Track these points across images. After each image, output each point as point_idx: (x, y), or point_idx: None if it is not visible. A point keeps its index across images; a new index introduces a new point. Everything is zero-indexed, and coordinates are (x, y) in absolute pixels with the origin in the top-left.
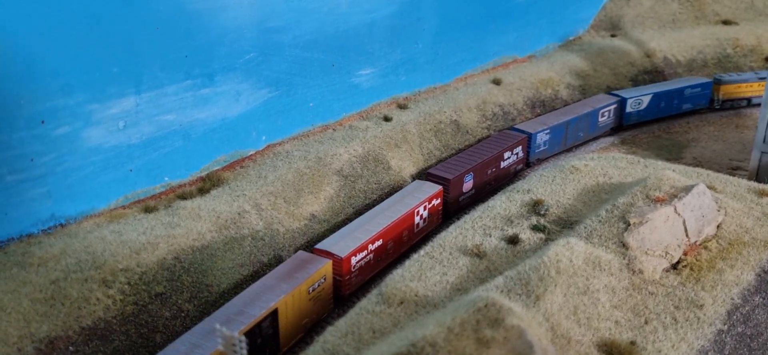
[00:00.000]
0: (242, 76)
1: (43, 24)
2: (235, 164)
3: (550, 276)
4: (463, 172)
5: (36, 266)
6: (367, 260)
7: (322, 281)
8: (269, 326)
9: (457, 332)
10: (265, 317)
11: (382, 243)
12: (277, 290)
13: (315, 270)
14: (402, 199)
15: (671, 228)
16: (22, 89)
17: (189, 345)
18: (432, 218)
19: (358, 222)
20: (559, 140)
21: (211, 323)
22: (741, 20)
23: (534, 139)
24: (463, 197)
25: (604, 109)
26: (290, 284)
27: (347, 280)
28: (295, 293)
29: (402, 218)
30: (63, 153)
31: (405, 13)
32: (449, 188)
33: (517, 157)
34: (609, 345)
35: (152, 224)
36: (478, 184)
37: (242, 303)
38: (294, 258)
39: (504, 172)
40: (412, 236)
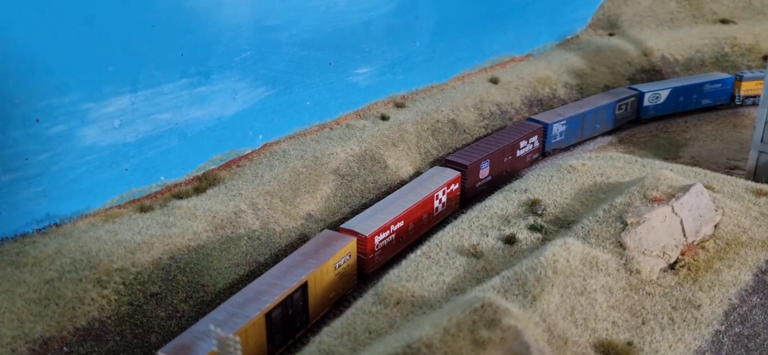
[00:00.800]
0: (239, 75)
1: (39, 22)
2: (231, 163)
3: (546, 276)
4: (480, 159)
5: (30, 265)
6: (389, 240)
7: (347, 258)
8: (300, 298)
9: (454, 333)
10: (297, 290)
11: (404, 225)
12: (307, 264)
13: (341, 247)
14: (422, 183)
15: (669, 228)
16: (17, 88)
17: (226, 314)
18: (450, 202)
19: (381, 204)
20: (576, 131)
21: (246, 294)
22: (739, 19)
23: (550, 130)
24: (480, 184)
25: (622, 102)
26: (318, 259)
27: (371, 258)
28: (323, 267)
29: (422, 201)
30: (58, 152)
31: (402, 12)
32: (467, 174)
33: (533, 146)
34: (606, 346)
35: (148, 224)
36: (494, 171)
37: (274, 277)
38: (320, 236)
39: (520, 161)
40: (432, 219)
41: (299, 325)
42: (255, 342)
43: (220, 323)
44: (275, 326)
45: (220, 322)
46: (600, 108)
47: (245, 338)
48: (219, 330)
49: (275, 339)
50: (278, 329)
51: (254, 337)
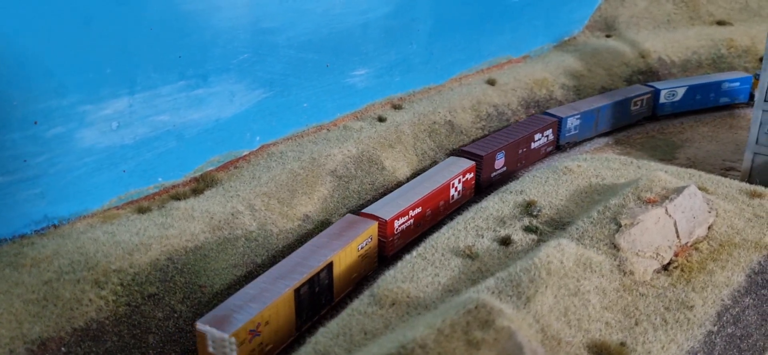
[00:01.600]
0: (236, 77)
1: (37, 25)
2: (228, 165)
3: (540, 277)
4: (495, 150)
5: (29, 266)
6: (408, 225)
7: (369, 241)
8: (326, 277)
9: (447, 334)
10: (323, 269)
11: (421, 211)
12: (332, 245)
13: (363, 230)
14: (439, 172)
15: (662, 229)
16: (15, 90)
17: (259, 289)
18: (465, 191)
19: (400, 191)
20: (590, 126)
21: (276, 271)
22: (735, 21)
23: (564, 123)
24: (495, 174)
25: (637, 98)
26: (342, 241)
27: (390, 241)
28: (347, 249)
29: (439, 189)
30: (56, 154)
31: (399, 14)
32: (482, 164)
33: (547, 139)
34: (599, 346)
35: (145, 225)
36: (509, 162)
37: (301, 256)
38: (343, 220)
39: (534, 153)
40: (448, 206)
41: (324, 302)
42: (285, 316)
43: (253, 297)
44: (303, 302)
45: (253, 296)
46: (615, 104)
47: (276, 312)
48: (214, 330)
49: (303, 315)
50: (305, 305)
51: (284, 311)
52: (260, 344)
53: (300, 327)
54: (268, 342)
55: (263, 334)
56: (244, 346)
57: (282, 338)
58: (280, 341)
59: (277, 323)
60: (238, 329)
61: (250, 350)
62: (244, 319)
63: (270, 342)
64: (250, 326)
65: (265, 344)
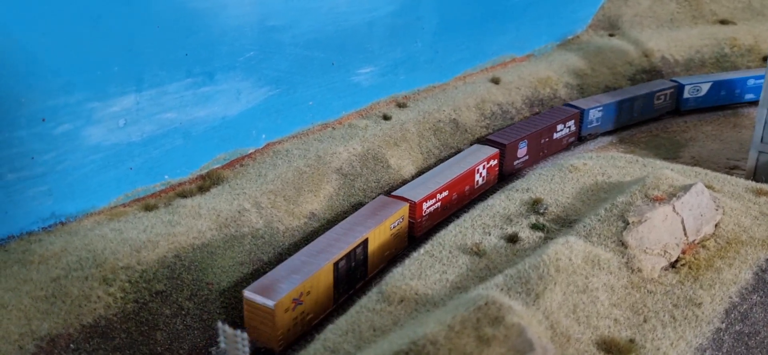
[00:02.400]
0: (242, 75)
1: (44, 23)
2: (235, 163)
3: (549, 274)
4: (518, 139)
5: (37, 263)
6: (435, 208)
7: (400, 221)
8: (361, 253)
9: (458, 330)
10: (359, 244)
11: (448, 194)
12: (367, 224)
13: (395, 210)
14: (464, 159)
15: (670, 227)
16: (23, 88)
17: (300, 262)
18: (489, 177)
19: (427, 176)
20: (612, 118)
21: (316, 246)
22: (738, 20)
23: (586, 115)
24: (518, 162)
25: (661, 92)
26: (376, 220)
27: (419, 222)
28: (381, 227)
29: (465, 174)
30: (63, 151)
31: (404, 12)
32: (505, 152)
33: (569, 130)
34: (608, 343)
35: (152, 222)
36: (531, 151)
37: (338, 233)
38: (375, 201)
39: (556, 143)
40: (473, 191)
41: (359, 277)
42: (325, 288)
43: (296, 268)
44: (341, 275)
45: (295, 268)
46: (637, 97)
47: (317, 283)
48: (226, 326)
49: (340, 287)
50: (343, 278)
51: (324, 283)
52: (302, 312)
53: (337, 299)
54: (309, 312)
55: (305, 303)
56: (288, 314)
57: (321, 308)
58: (320, 311)
59: (317, 294)
60: (283, 297)
61: (293, 318)
62: (287, 288)
63: (310, 312)
64: (293, 295)
65: (306, 313)
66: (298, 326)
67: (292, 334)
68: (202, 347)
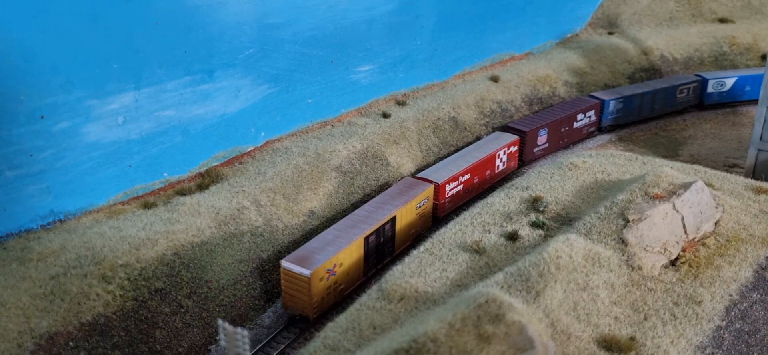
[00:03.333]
0: (241, 72)
1: (43, 20)
2: (234, 160)
3: (549, 272)
4: (538, 126)
5: (35, 261)
6: (458, 190)
7: (425, 201)
8: (390, 229)
9: (458, 328)
10: (388, 221)
11: (470, 177)
12: (395, 202)
13: (421, 191)
14: (485, 144)
15: (670, 225)
16: (22, 85)
17: (333, 235)
18: (510, 162)
19: (450, 159)
20: (633, 110)
21: (347, 222)
22: (737, 18)
23: (607, 106)
24: (538, 149)
25: (683, 86)
26: (403, 199)
27: (442, 204)
28: (407, 206)
29: (486, 159)
30: (62, 149)
31: (404, 10)
32: (525, 139)
33: (589, 120)
34: (608, 341)
35: (151, 220)
36: (551, 139)
37: (367, 211)
38: (402, 182)
39: (576, 132)
40: (494, 176)
41: (386, 252)
42: (355, 261)
43: (329, 242)
44: (370, 249)
45: (328, 241)
46: (659, 90)
47: (349, 256)
48: (226, 324)
49: (370, 261)
50: (372, 252)
51: (355, 256)
52: (335, 282)
53: (367, 272)
54: (341, 282)
55: (337, 274)
56: (322, 282)
57: (352, 280)
58: (351, 282)
59: (349, 266)
60: (318, 267)
61: (327, 287)
62: (322, 259)
63: (343, 283)
64: (327, 265)
65: (338, 284)
66: (331, 296)
67: (325, 302)
68: (202, 345)
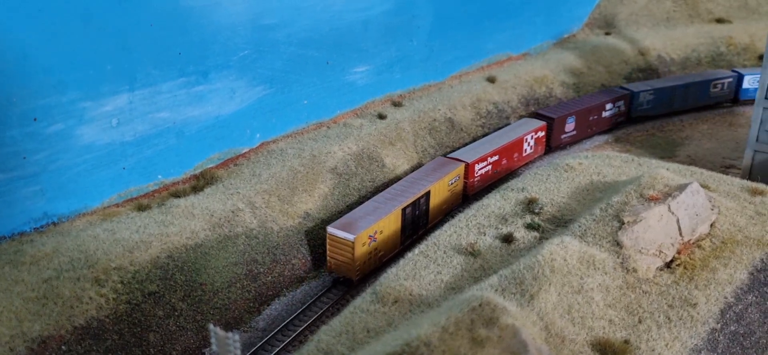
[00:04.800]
0: (236, 74)
1: (36, 21)
2: (228, 162)
3: (544, 275)
4: (566, 114)
5: (28, 264)
6: (486, 170)
7: (456, 179)
8: (424, 203)
9: (452, 332)
10: (422, 195)
11: (498, 159)
12: (429, 179)
13: (453, 169)
14: (513, 129)
15: (665, 227)
16: (15, 87)
17: (373, 207)
18: (537, 147)
19: (480, 142)
20: (665, 102)
21: (384, 196)
22: (734, 19)
23: (636, 97)
24: (565, 136)
25: (718, 81)
26: (436, 176)
27: (471, 183)
28: (440, 182)
29: (514, 142)
30: (56, 151)
31: (400, 11)
32: (553, 125)
33: (618, 109)
34: (603, 344)
35: (145, 223)
36: (579, 127)
37: (403, 186)
38: (434, 161)
39: (605, 121)
40: (521, 158)
41: (421, 225)
42: (393, 230)
43: (369, 212)
44: (407, 220)
45: (369, 211)
46: (691, 84)
47: (388, 225)
48: (218, 329)
49: (406, 231)
50: (408, 223)
51: (393, 225)
52: (375, 248)
53: (403, 242)
54: (381, 249)
55: (378, 241)
56: (364, 247)
57: (390, 247)
58: (389, 250)
59: (387, 234)
60: (361, 233)
61: (368, 252)
62: (364, 226)
63: (382, 249)
64: (369, 231)
65: (378, 250)
66: (371, 260)
67: (366, 266)
68: (195, 349)
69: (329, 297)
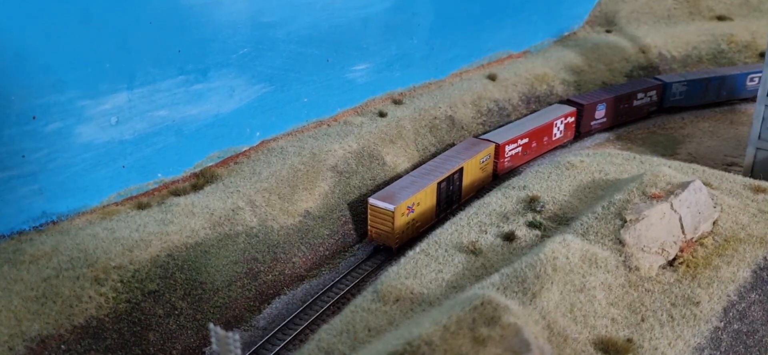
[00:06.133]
0: (236, 72)
1: (35, 20)
2: (228, 160)
3: (546, 274)
4: (597, 101)
5: (27, 263)
6: (516, 152)
7: (487, 158)
8: (458, 178)
9: (453, 331)
10: (456, 171)
11: (528, 141)
12: (461, 157)
13: (484, 148)
14: (543, 114)
15: (667, 225)
16: (13, 85)
17: (410, 181)
18: (566, 132)
19: (510, 125)
20: (699, 94)
21: (420, 171)
22: (735, 16)
23: (669, 88)
24: (595, 122)
25: (754, 74)
26: (469, 154)
27: (501, 162)
28: (473, 160)
29: (544, 126)
30: (55, 149)
31: (400, 9)
32: (583, 112)
33: (650, 99)
34: (605, 343)
35: (145, 221)
36: (610, 115)
37: (437, 163)
38: (466, 141)
39: (637, 110)
40: (550, 142)
41: (454, 199)
42: (429, 203)
43: (406, 185)
44: (442, 193)
45: (406, 185)
46: (727, 77)
47: (424, 197)
48: (218, 328)
49: (441, 204)
50: (443, 197)
51: (429, 198)
52: (412, 219)
53: (438, 214)
54: (418, 220)
55: (415, 212)
56: (403, 217)
57: (426, 219)
58: (425, 221)
59: (424, 206)
60: (400, 204)
61: (406, 222)
62: (403, 197)
63: (419, 220)
64: (407, 203)
65: (415, 220)
66: (409, 230)
67: (405, 235)
68: (196, 348)
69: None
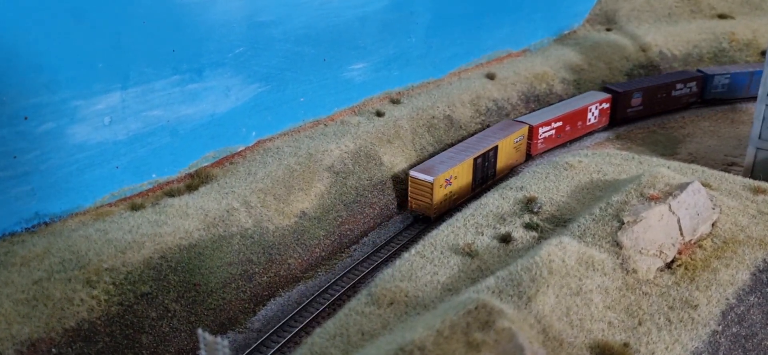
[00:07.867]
0: (232, 71)
1: (27, 19)
2: (224, 161)
3: (542, 277)
4: (633, 89)
5: (18, 265)
6: (550, 134)
7: (520, 139)
8: (493, 156)
9: (447, 335)
10: (492, 149)
11: (562, 125)
12: (496, 136)
13: (518, 129)
14: (579, 100)
15: (666, 227)
16: (5, 85)
17: (448, 157)
18: (601, 118)
19: (546, 109)
20: (742, 87)
21: (457, 149)
22: (737, 14)
23: (711, 80)
24: (631, 110)
25: None
26: (503, 134)
27: (535, 143)
28: (507, 140)
29: (578, 110)
30: (47, 150)
31: (397, 7)
32: (618, 99)
33: (690, 91)
34: (602, 347)
35: (139, 222)
36: (647, 103)
37: (472, 142)
38: (501, 123)
39: (675, 100)
40: (585, 127)
41: (489, 175)
42: (466, 177)
43: (444, 160)
44: (478, 169)
45: (443, 160)
46: None
47: (462, 171)
48: (206, 334)
49: (477, 179)
50: (479, 172)
51: (466, 173)
52: (450, 191)
53: (474, 189)
54: (455, 192)
55: (452, 185)
56: (441, 189)
57: (463, 193)
58: (462, 195)
59: (461, 180)
60: (439, 176)
61: (444, 194)
62: (442, 170)
63: (456, 193)
64: (445, 176)
65: (452, 193)
66: (447, 201)
67: (443, 206)
68: (189, 351)
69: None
